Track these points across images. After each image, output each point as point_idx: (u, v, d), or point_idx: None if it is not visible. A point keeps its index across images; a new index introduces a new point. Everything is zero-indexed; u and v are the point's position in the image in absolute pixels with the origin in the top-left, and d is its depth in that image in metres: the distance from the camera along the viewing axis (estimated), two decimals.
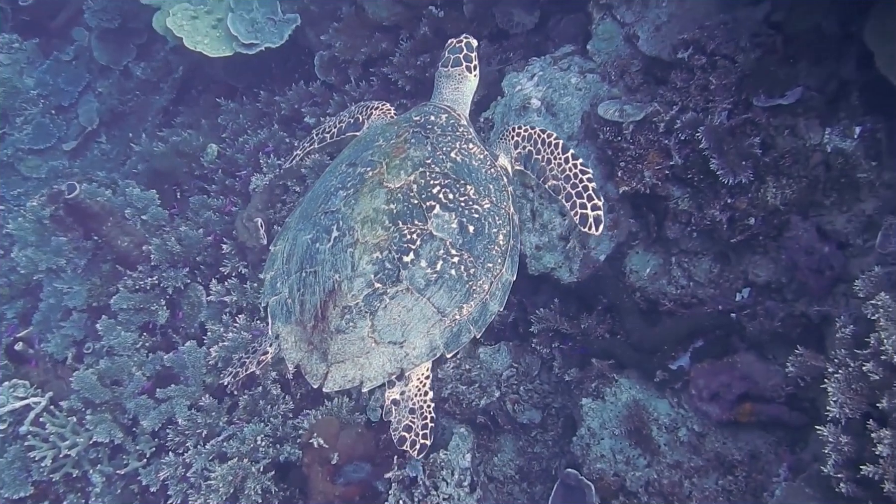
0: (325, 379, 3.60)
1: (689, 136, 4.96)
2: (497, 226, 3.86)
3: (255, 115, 8.12)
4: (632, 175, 5.15)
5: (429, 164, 3.82)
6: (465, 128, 4.23)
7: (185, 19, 7.93)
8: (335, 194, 3.87)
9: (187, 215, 7.41)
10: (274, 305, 3.90)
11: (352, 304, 3.55)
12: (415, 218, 3.64)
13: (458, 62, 4.47)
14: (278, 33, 7.76)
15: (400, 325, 3.57)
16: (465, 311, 3.69)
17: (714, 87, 5.01)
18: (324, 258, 3.69)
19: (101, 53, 10.14)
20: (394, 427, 3.76)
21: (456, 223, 3.71)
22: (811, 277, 4.79)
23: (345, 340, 3.55)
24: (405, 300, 3.57)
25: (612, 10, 5.73)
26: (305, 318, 3.69)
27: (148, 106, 9.86)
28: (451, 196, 3.75)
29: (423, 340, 3.62)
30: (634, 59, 5.63)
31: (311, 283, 3.70)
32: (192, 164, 7.98)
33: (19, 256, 7.32)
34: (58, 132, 10.31)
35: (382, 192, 3.71)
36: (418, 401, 3.77)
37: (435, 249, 3.63)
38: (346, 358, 3.59)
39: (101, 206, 6.79)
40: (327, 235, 3.73)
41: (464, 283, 3.67)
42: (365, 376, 3.60)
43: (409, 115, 4.28)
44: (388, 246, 3.58)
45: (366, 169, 3.87)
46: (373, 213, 3.66)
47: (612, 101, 5.31)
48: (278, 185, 7.03)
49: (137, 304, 6.76)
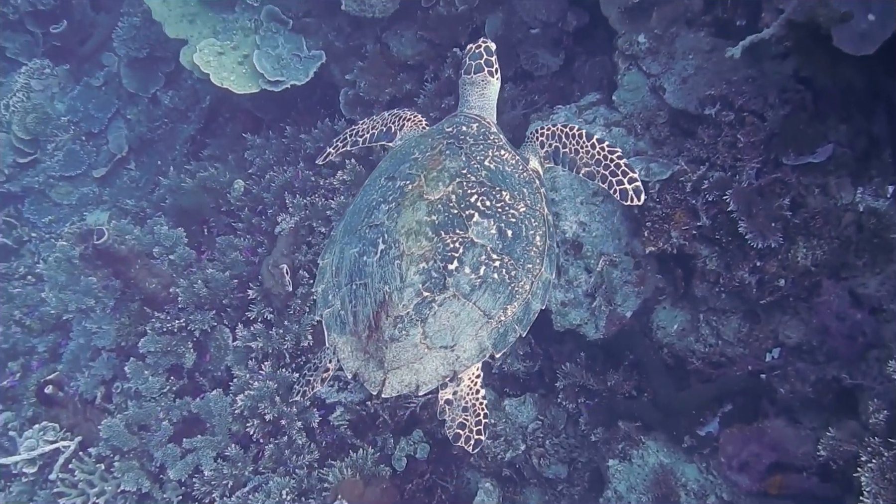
0: (383, 385, 3.71)
1: (716, 196, 4.88)
2: (533, 227, 3.92)
3: (281, 151, 8.12)
4: (658, 235, 5.07)
5: (465, 173, 3.90)
6: (496, 135, 4.27)
7: (212, 55, 7.94)
8: (377, 208, 3.95)
9: (214, 255, 7.42)
10: (328, 318, 3.99)
11: (403, 314, 3.65)
12: (456, 227, 3.73)
13: (479, 68, 4.48)
14: (304, 70, 7.75)
15: (449, 329, 3.67)
16: (509, 312, 3.78)
17: (742, 144, 4.93)
18: (372, 271, 3.78)
19: (130, 81, 10.20)
20: (448, 425, 3.86)
21: (495, 229, 3.78)
22: (843, 343, 4.69)
23: (399, 348, 3.66)
24: (453, 306, 3.67)
25: (637, 60, 5.65)
26: (359, 329, 3.79)
27: (176, 134, 9.90)
28: (489, 203, 3.83)
29: (473, 343, 3.72)
30: (661, 111, 5.55)
31: (361, 294, 3.80)
32: (218, 199, 7.99)
33: (49, 297, 7.39)
34: (88, 159, 10.39)
35: (423, 205, 3.81)
36: (471, 399, 3.88)
37: (477, 255, 3.71)
38: (402, 364, 3.69)
39: (130, 249, 6.83)
40: (374, 248, 3.82)
41: (506, 285, 3.76)
42: (420, 381, 3.71)
43: (441, 127, 4.35)
44: (433, 256, 3.69)
45: (405, 182, 3.95)
46: (416, 226, 3.75)
47: (637, 157, 5.23)
48: (304, 226, 7.02)
49: (165, 346, 6.79)
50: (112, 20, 10.95)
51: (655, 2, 5.55)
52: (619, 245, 5.42)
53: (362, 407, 6.17)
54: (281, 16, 7.97)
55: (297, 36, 7.98)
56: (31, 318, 8.35)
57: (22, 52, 11.19)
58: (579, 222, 5.44)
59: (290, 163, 7.96)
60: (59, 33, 10.70)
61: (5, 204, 10.41)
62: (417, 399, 6.01)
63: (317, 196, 7.26)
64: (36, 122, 10.43)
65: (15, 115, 10.50)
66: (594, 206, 5.46)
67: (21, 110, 10.52)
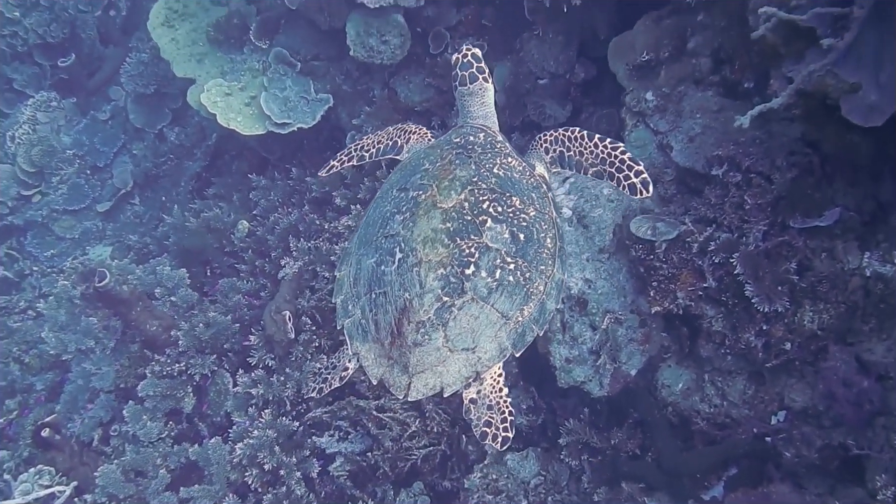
0: (408, 389, 3.83)
1: (723, 258, 4.86)
2: (544, 230, 4.06)
3: (287, 192, 8.11)
4: (664, 295, 5.05)
5: (475, 181, 4.03)
6: (502, 143, 4.43)
7: (219, 96, 7.95)
8: (392, 218, 4.07)
9: (216, 297, 7.39)
10: (349, 326, 4.09)
11: (425, 319, 3.77)
12: (470, 233, 3.86)
13: (474, 77, 4.56)
14: (311, 113, 7.76)
15: (470, 332, 3.79)
16: (526, 313, 3.90)
17: (749, 206, 4.91)
18: (391, 279, 3.89)
19: (137, 116, 10.23)
20: (474, 424, 3.95)
21: (507, 233, 3.91)
22: (849, 410, 4.65)
23: (422, 352, 3.79)
24: (472, 309, 3.79)
25: (645, 117, 5.66)
26: (382, 336, 3.89)
27: (181, 170, 9.90)
28: (500, 209, 3.96)
29: (493, 344, 3.83)
30: (667, 169, 5.56)
31: (381, 303, 3.90)
32: (222, 240, 7.98)
33: (49, 336, 7.35)
34: (92, 193, 10.38)
35: (437, 213, 3.93)
36: (494, 397, 3.98)
37: (492, 259, 3.83)
38: (426, 368, 3.81)
39: (131, 291, 6.80)
40: (391, 258, 3.93)
41: (521, 287, 3.88)
42: (444, 382, 3.83)
43: (448, 138, 4.49)
44: (450, 262, 3.81)
45: (418, 192, 4.07)
46: (432, 233, 3.88)
47: (644, 217, 5.21)
48: (307, 270, 6.99)
49: (164, 390, 6.73)
50: (120, 54, 11.00)
51: (664, 60, 5.57)
52: (624, 303, 5.39)
53: (362, 458, 6.11)
54: (289, 58, 7.99)
55: (304, 79, 8.00)
56: (29, 355, 8.30)
57: (29, 84, 11.23)
58: (585, 279, 5.41)
59: (294, 205, 7.95)
60: (67, 66, 10.74)
61: (8, 236, 10.38)
62: (418, 451, 5.96)
63: (321, 240, 7.23)
64: (41, 155, 10.44)
65: (20, 147, 10.52)
66: (600, 263, 5.44)
67: (26, 142, 10.54)
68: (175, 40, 8.72)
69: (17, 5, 11.30)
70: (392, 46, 7.32)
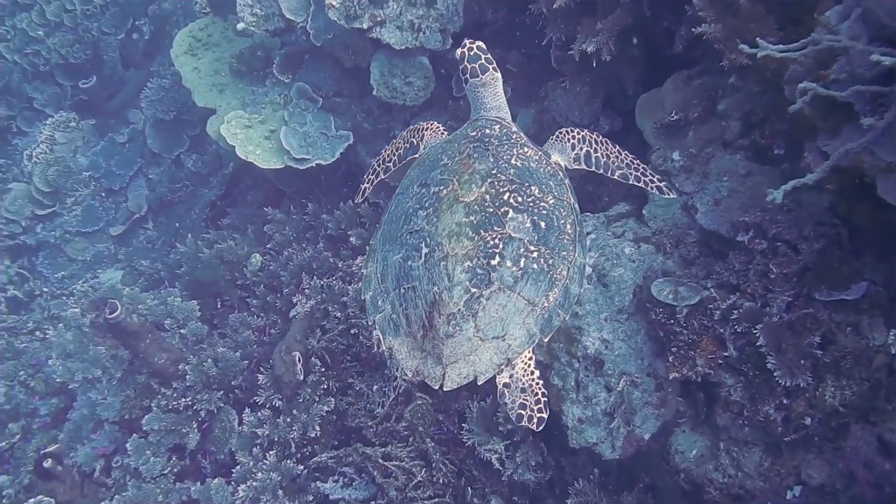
0: (443, 379, 3.92)
1: (745, 328, 4.76)
2: (563, 217, 4.17)
3: (302, 228, 8.05)
4: (683, 362, 4.95)
5: (494, 174, 4.12)
6: (517, 133, 4.52)
7: (239, 128, 7.92)
8: (415, 214, 4.16)
9: (226, 332, 7.33)
10: (381, 322, 4.19)
11: (455, 311, 3.86)
12: (493, 224, 3.97)
13: (484, 68, 4.64)
14: (330, 150, 7.72)
15: (499, 321, 3.89)
16: (551, 298, 4.00)
17: (774, 276, 4.82)
18: (419, 274, 3.98)
19: (155, 141, 10.24)
20: (510, 407, 4.09)
21: (529, 222, 4.01)
22: (869, 491, 4.54)
23: (455, 343, 3.88)
24: (499, 298, 3.88)
25: (670, 177, 5.58)
26: (414, 330, 3.99)
27: (196, 197, 9.89)
28: (520, 199, 4.07)
29: (521, 330, 3.93)
30: (691, 230, 5.48)
31: (411, 297, 4.00)
32: (234, 272, 7.92)
33: (56, 364, 7.28)
34: (106, 215, 10.38)
35: (460, 207, 4.03)
36: (527, 380, 4.10)
37: (516, 249, 3.93)
38: (459, 358, 3.90)
39: (141, 324, 6.73)
40: (417, 253, 4.03)
41: (545, 273, 3.99)
42: (477, 371, 3.92)
43: (465, 132, 4.54)
44: (476, 254, 3.91)
45: (439, 188, 4.16)
46: (456, 227, 3.98)
47: (666, 280, 5.13)
48: (319, 309, 6.93)
49: (169, 425, 6.65)
50: (141, 77, 11.06)
51: (692, 121, 5.50)
52: (641, 365, 5.29)
53: None
54: (311, 93, 7.98)
55: (325, 114, 7.97)
56: (35, 379, 8.25)
57: (49, 104, 11.31)
58: (602, 339, 5.33)
59: (309, 241, 7.90)
60: (88, 88, 10.76)
61: (19, 255, 10.36)
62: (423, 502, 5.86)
63: (334, 279, 7.18)
64: (57, 175, 10.46)
65: (37, 167, 10.55)
66: (618, 324, 5.35)
67: (43, 162, 10.58)
68: (197, 69, 8.73)
69: (40, 24, 11.37)
70: (415, 88, 7.30)
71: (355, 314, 6.73)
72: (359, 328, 6.70)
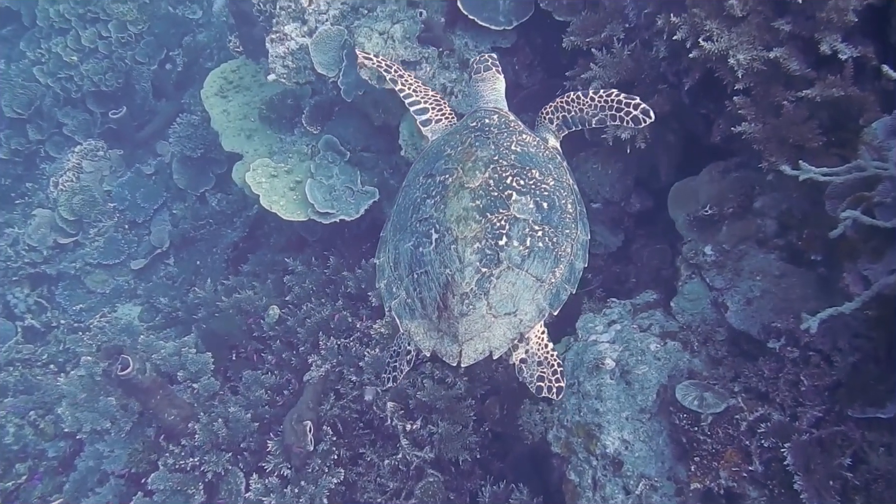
0: (460, 356, 4.09)
1: (773, 443, 4.56)
2: (564, 197, 4.40)
3: (322, 282, 7.89)
4: (706, 472, 4.74)
5: (496, 160, 4.35)
6: (515, 121, 4.78)
7: (265, 176, 7.80)
8: (423, 203, 4.35)
9: (238, 387, 7.19)
10: (397, 307, 4.36)
11: (468, 291, 4.04)
12: (499, 207, 4.17)
13: (487, 67, 5.11)
14: (355, 205, 7.57)
15: (510, 298, 4.08)
16: (557, 274, 4.21)
17: (805, 388, 4.62)
18: (431, 258, 4.16)
19: (181, 177, 10.16)
20: (529, 381, 4.29)
21: (532, 203, 4.21)
22: None
23: (469, 321, 4.06)
24: (509, 277, 4.07)
25: (701, 270, 5.39)
26: (429, 312, 4.18)
27: (219, 237, 9.80)
28: (522, 182, 4.28)
29: (531, 306, 4.13)
30: (720, 328, 5.27)
31: (424, 281, 4.18)
32: (251, 323, 7.79)
33: (66, 414, 7.18)
34: (128, 248, 10.31)
35: (466, 193, 4.23)
36: (542, 353, 4.33)
37: (522, 229, 4.13)
38: (474, 335, 4.08)
39: (153, 380, 6.61)
40: (428, 239, 4.21)
41: (551, 251, 4.19)
42: (492, 346, 4.11)
43: (466, 123, 4.80)
44: (484, 236, 4.11)
45: (444, 176, 4.37)
46: (463, 212, 4.17)
47: (692, 383, 4.93)
48: (334, 371, 6.78)
49: (175, 485, 6.51)
50: (172, 109, 11.05)
51: (727, 216, 5.31)
52: (661, 468, 5.08)
53: None
54: (339, 147, 7.85)
55: (352, 168, 7.84)
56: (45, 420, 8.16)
57: (78, 131, 11.32)
58: (622, 439, 5.12)
59: (329, 296, 7.72)
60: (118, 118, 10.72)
61: (39, 284, 10.31)
62: None
63: (352, 339, 7.03)
64: (82, 204, 10.43)
65: (63, 195, 10.53)
66: (640, 424, 5.14)
67: (69, 190, 10.56)
68: (227, 112, 8.66)
69: (75, 49, 11.39)
70: None
71: (371, 380, 6.58)
72: (373, 394, 6.55)
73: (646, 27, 5.72)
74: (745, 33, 4.78)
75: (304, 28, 7.54)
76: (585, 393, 5.29)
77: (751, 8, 4.78)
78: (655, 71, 5.55)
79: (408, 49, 6.79)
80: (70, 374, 7.42)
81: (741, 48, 4.74)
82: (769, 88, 4.79)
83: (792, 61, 4.63)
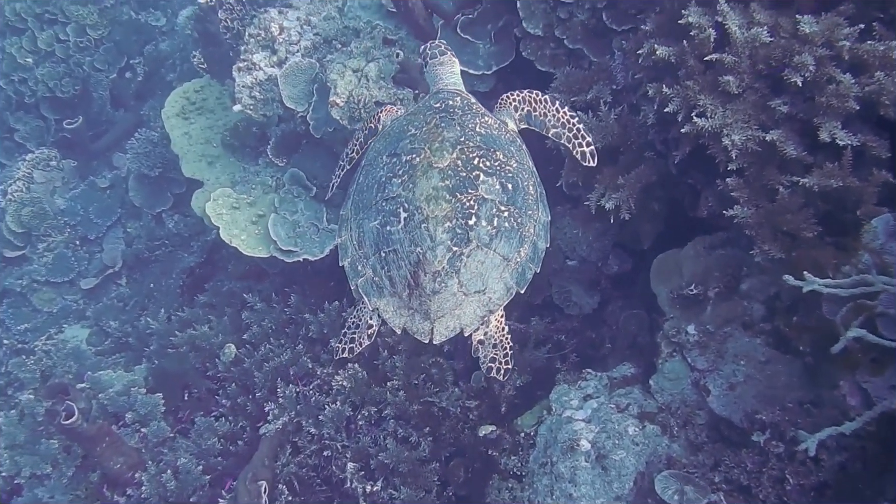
0: (432, 334, 4.22)
1: None
2: (526, 179, 4.53)
3: (282, 322, 7.53)
4: None
5: (463, 141, 4.43)
6: (477, 104, 4.88)
7: (226, 208, 7.45)
8: (389, 182, 4.41)
9: (190, 435, 6.84)
10: (363, 285, 4.46)
11: (440, 269, 4.15)
12: (467, 187, 4.27)
13: (442, 52, 5.20)
14: (319, 244, 7.26)
15: (479, 276, 4.22)
16: (522, 254, 4.36)
17: (790, 487, 4.43)
18: (399, 237, 4.24)
19: (137, 195, 9.71)
20: (482, 361, 4.39)
21: (498, 184, 4.33)
22: None
23: (441, 299, 4.19)
24: (478, 255, 4.21)
25: (683, 349, 5.19)
26: (399, 290, 4.28)
27: (175, 260, 9.37)
28: (488, 163, 4.39)
29: (500, 284, 4.29)
30: (700, 411, 5.08)
31: (392, 259, 4.27)
32: (206, 362, 7.42)
33: (4, 457, 6.76)
34: (78, 266, 9.83)
35: (435, 172, 4.31)
36: (499, 336, 4.41)
37: (489, 209, 4.25)
38: (445, 313, 4.21)
39: (98, 428, 6.25)
40: (396, 218, 4.28)
41: (516, 231, 4.33)
42: (463, 323, 4.26)
43: (428, 104, 4.88)
44: (454, 215, 4.20)
45: (411, 156, 4.42)
46: (433, 192, 4.25)
47: (671, 474, 4.73)
48: (292, 422, 6.47)
49: None
50: (130, 119, 10.68)
51: (712, 297, 5.10)
52: None
53: None
54: (305, 181, 7.53)
55: (318, 205, 7.52)
56: None
57: (31, 138, 10.88)
58: None
59: (289, 338, 7.37)
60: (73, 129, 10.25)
61: None
62: None
63: (311, 387, 6.71)
64: (31, 217, 9.93)
65: (11, 205, 10.04)
66: None
67: (18, 200, 10.05)
68: (188, 135, 8.30)
69: (31, 51, 10.90)
70: None
71: (330, 435, 6.28)
72: (332, 450, 6.26)
73: (633, 89, 5.51)
74: (741, 111, 4.59)
75: (273, 58, 7.23)
76: (559, 475, 5.06)
77: (746, 85, 4.59)
78: (643, 138, 5.34)
79: (382, 90, 6.51)
80: (10, 414, 6.97)
81: (736, 127, 4.53)
82: (763, 170, 4.59)
83: (789, 145, 4.43)
